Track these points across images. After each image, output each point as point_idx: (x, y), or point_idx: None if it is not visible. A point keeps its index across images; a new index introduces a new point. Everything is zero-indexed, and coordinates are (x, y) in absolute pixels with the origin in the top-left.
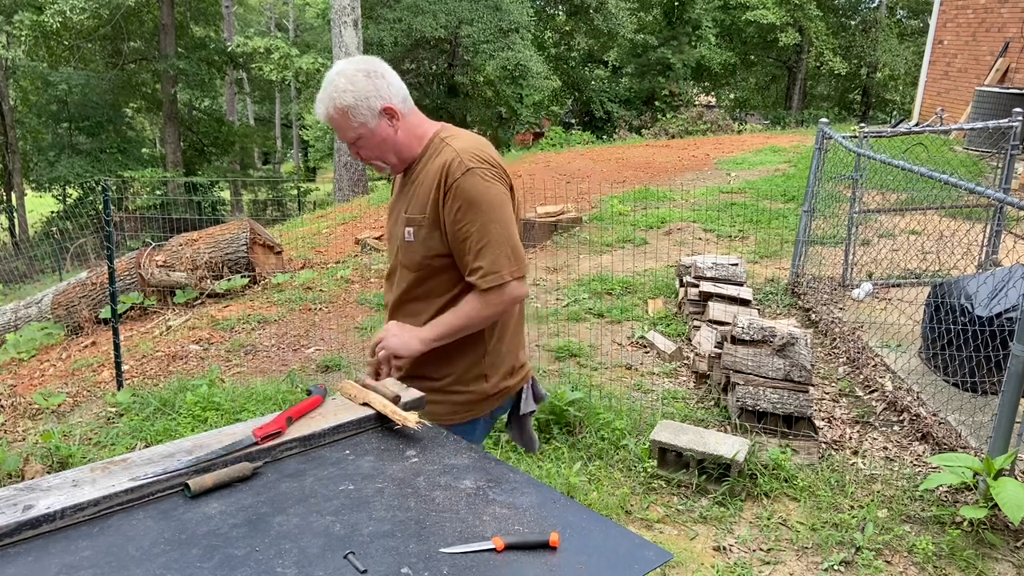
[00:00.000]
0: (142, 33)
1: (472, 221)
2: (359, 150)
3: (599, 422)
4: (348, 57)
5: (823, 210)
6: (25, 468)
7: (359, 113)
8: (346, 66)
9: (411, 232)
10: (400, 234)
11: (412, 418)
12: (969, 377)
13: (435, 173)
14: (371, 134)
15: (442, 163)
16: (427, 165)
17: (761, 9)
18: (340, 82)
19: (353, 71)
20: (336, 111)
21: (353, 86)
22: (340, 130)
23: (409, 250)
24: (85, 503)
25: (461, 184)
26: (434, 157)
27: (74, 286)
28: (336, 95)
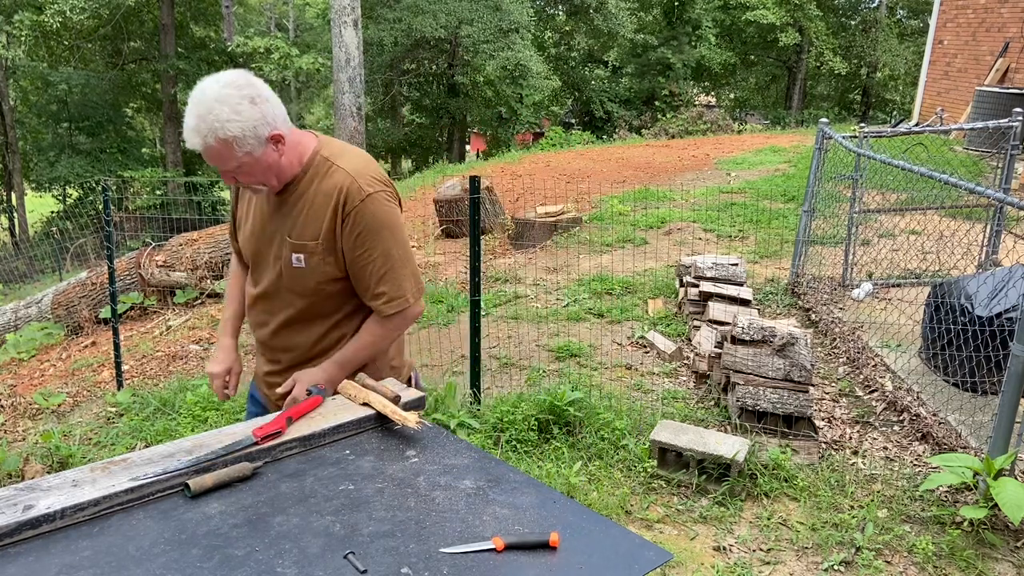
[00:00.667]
0: (142, 33)
1: (374, 247)
2: (238, 176)
3: (599, 422)
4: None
5: (823, 210)
6: (25, 468)
7: (245, 143)
8: (225, 91)
9: (301, 259)
10: (284, 258)
11: (412, 418)
12: (969, 377)
13: (328, 197)
14: (255, 162)
15: (336, 187)
16: (313, 186)
17: (761, 9)
18: (222, 112)
19: (236, 98)
20: (217, 142)
21: (239, 115)
22: (219, 160)
23: (299, 276)
24: (85, 503)
25: (361, 210)
26: (321, 178)
27: (74, 286)
28: (218, 125)
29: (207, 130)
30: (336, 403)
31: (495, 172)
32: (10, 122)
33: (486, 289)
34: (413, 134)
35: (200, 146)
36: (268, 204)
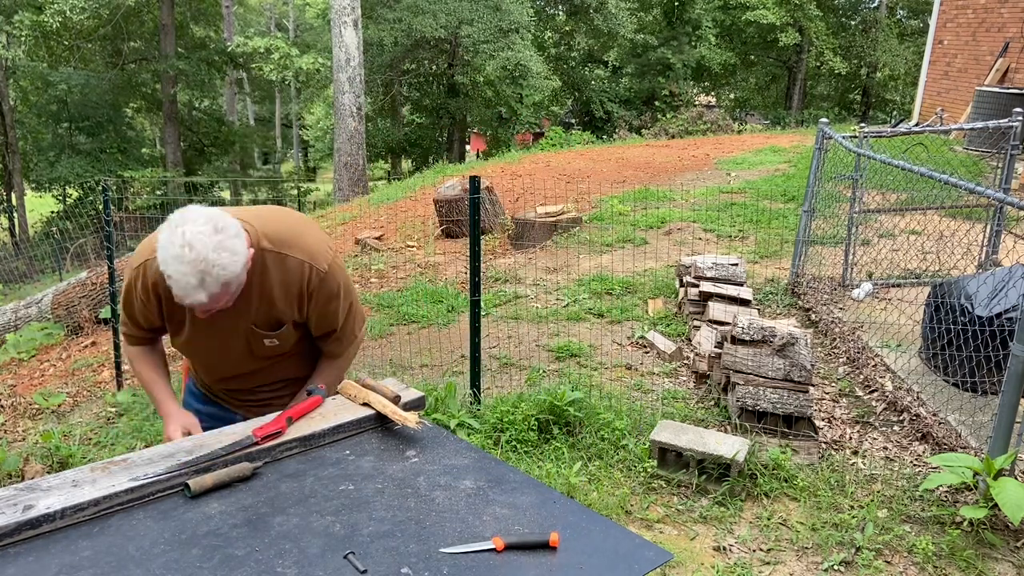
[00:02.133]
0: (142, 33)
1: (336, 309)
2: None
3: (599, 422)
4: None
5: (823, 210)
6: (25, 468)
7: (239, 277)
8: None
9: (274, 339)
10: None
11: (412, 418)
12: (969, 377)
13: (289, 286)
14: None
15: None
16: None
17: (761, 9)
18: (222, 258)
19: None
20: (221, 287)
21: (236, 255)
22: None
23: (274, 350)
24: (85, 503)
25: (321, 287)
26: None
27: (74, 286)
28: (223, 273)
29: (212, 282)
30: (336, 403)
31: (495, 172)
32: (10, 122)
33: (486, 289)
34: (413, 134)
35: (205, 299)
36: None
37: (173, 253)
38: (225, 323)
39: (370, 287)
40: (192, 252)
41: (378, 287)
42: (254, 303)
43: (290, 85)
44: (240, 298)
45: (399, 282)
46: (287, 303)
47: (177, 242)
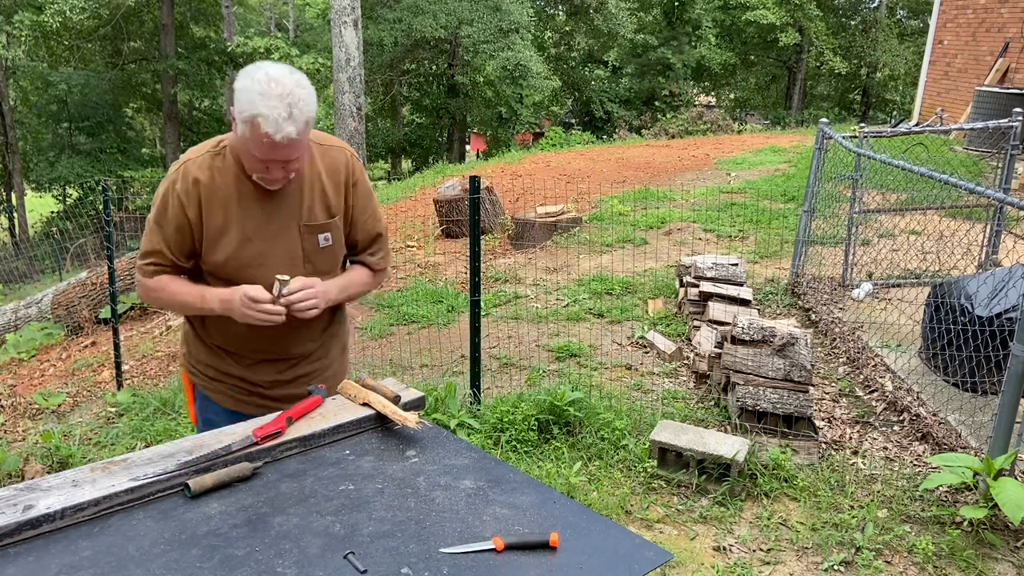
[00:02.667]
0: (142, 33)
1: (373, 210)
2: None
3: (599, 422)
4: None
5: (823, 210)
6: (25, 468)
7: (312, 125)
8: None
9: (328, 237)
10: (309, 244)
11: (412, 418)
12: (969, 377)
13: (333, 174)
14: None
15: (337, 163)
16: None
17: (761, 9)
18: (304, 93)
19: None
20: (306, 126)
21: (313, 95)
22: (298, 147)
23: (327, 255)
24: (85, 503)
25: (361, 178)
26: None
27: (74, 286)
28: (306, 108)
29: (299, 115)
30: (336, 403)
31: (495, 172)
32: (10, 122)
33: (486, 289)
34: (413, 134)
35: (295, 133)
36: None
37: (259, 91)
38: (272, 226)
39: None
40: (279, 86)
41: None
42: (305, 197)
43: None
44: (287, 194)
45: (399, 282)
46: (335, 191)
47: (261, 79)
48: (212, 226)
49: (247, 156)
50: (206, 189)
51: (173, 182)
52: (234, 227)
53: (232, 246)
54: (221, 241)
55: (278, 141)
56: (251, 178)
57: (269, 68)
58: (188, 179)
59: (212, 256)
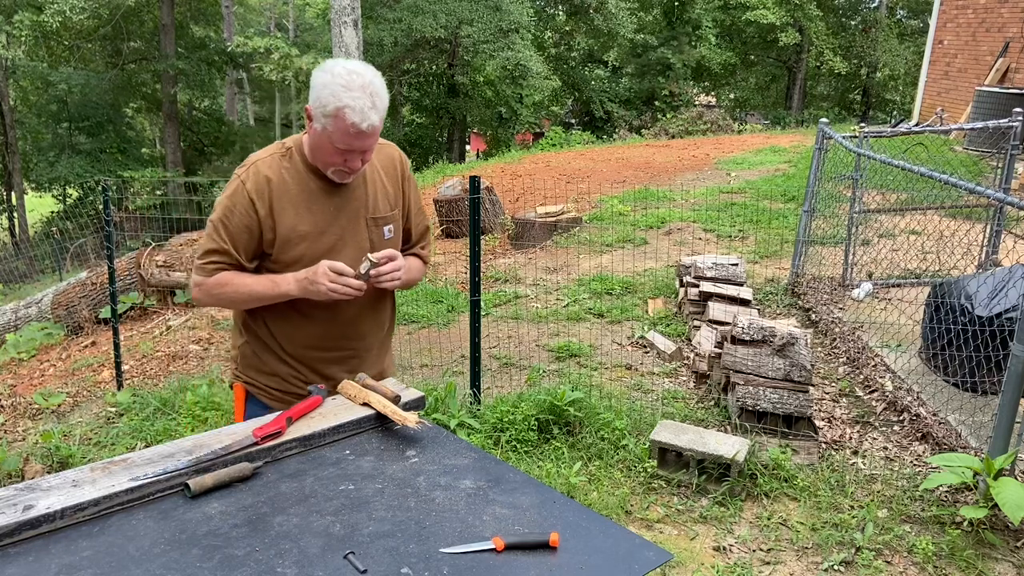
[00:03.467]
0: (142, 33)
1: (420, 204)
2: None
3: (599, 422)
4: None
5: (823, 210)
6: (25, 468)
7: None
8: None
9: (391, 229)
10: (375, 237)
11: (412, 418)
12: (969, 377)
13: (390, 168)
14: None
15: (390, 159)
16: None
17: (761, 9)
18: (381, 87)
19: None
20: (381, 117)
21: (385, 88)
22: (375, 136)
23: (391, 246)
24: (85, 503)
25: (411, 174)
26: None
27: (74, 286)
28: (383, 100)
29: (380, 104)
30: (336, 403)
31: (495, 172)
32: (10, 122)
33: (486, 289)
34: (413, 134)
35: (377, 120)
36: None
37: (342, 83)
38: (340, 220)
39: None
40: (359, 77)
41: None
42: (369, 191)
43: (290, 85)
44: (353, 188)
45: None
46: (393, 185)
47: (342, 73)
48: (284, 224)
49: (326, 150)
50: (277, 188)
51: (243, 181)
52: (307, 224)
53: (306, 243)
54: (294, 239)
55: (364, 129)
56: (318, 176)
57: (345, 63)
58: (259, 178)
59: (286, 254)
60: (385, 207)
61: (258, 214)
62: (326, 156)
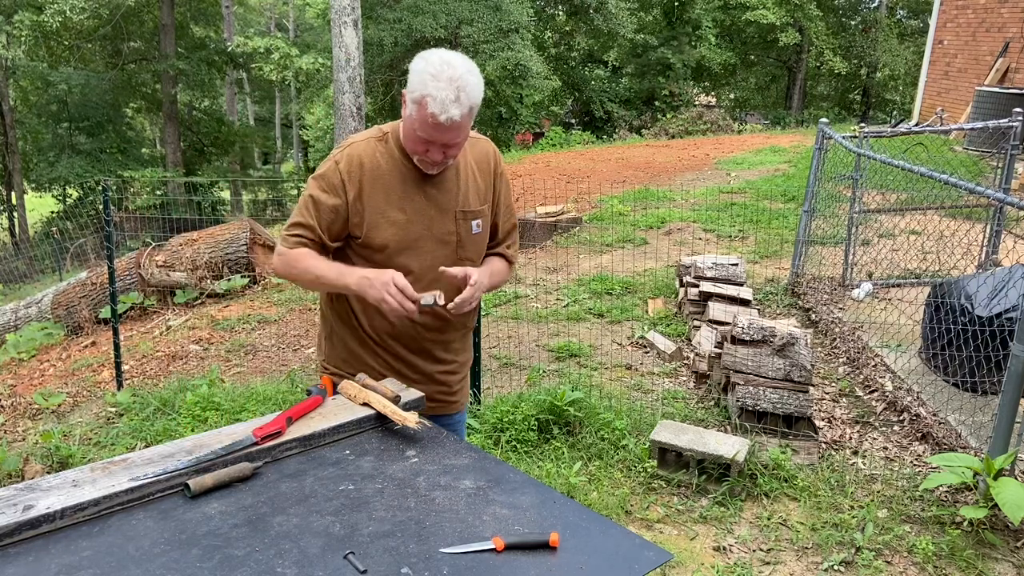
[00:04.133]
0: (142, 33)
1: (510, 202)
2: (451, 149)
3: (599, 422)
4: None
5: (823, 210)
6: (25, 468)
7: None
8: (467, 63)
9: (479, 223)
10: (463, 230)
11: (412, 418)
12: (969, 377)
13: (483, 163)
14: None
15: (486, 152)
16: (463, 158)
17: (761, 9)
18: (473, 80)
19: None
20: (469, 111)
21: (480, 83)
22: (462, 128)
23: (478, 242)
24: (85, 503)
25: (504, 170)
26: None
27: (74, 286)
28: (475, 94)
29: (465, 99)
30: (336, 403)
31: None
32: (10, 122)
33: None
34: None
35: (458, 116)
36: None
37: (432, 72)
38: (430, 210)
39: None
40: (451, 69)
41: None
42: (460, 183)
43: (290, 85)
44: (445, 180)
45: None
46: (484, 179)
47: (436, 62)
48: (373, 207)
49: (411, 137)
50: (369, 171)
51: (336, 162)
52: (396, 209)
53: (394, 228)
54: (382, 223)
55: (442, 122)
56: (412, 164)
57: (445, 53)
58: (352, 160)
59: (373, 238)
60: (476, 201)
61: (347, 196)
62: (411, 143)
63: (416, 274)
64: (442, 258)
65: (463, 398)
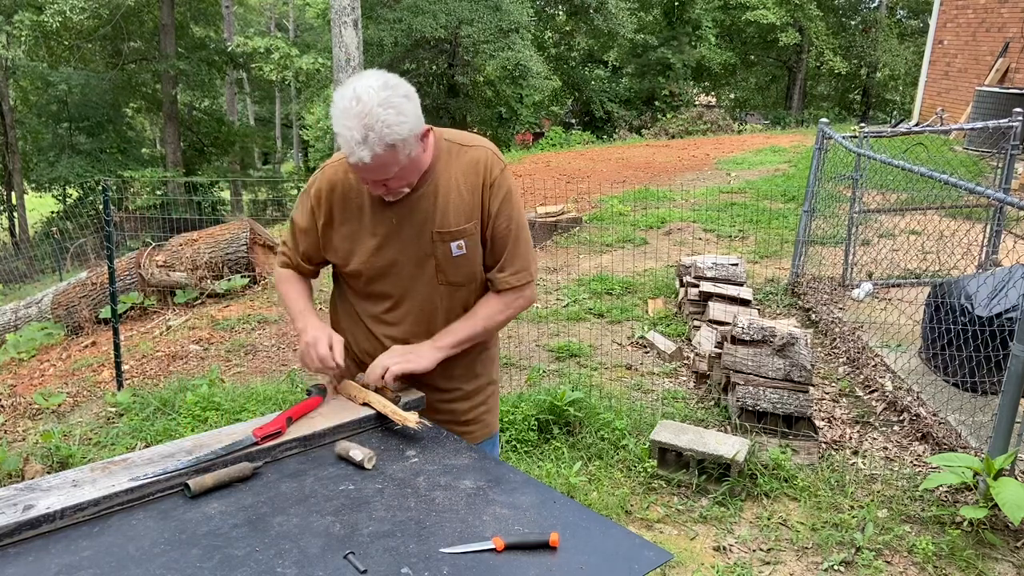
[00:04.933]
0: (142, 33)
1: (511, 215)
2: (390, 182)
3: (599, 422)
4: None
5: (823, 210)
6: (25, 468)
7: (408, 145)
8: (383, 94)
9: (462, 245)
10: (441, 252)
11: (412, 418)
12: (969, 377)
13: (471, 174)
14: (411, 163)
15: (476, 160)
16: (448, 170)
17: (761, 9)
18: (389, 116)
19: (397, 99)
20: (385, 149)
21: (404, 117)
22: (380, 169)
23: (460, 265)
24: (85, 503)
25: (502, 178)
26: (452, 161)
27: (74, 286)
28: (387, 131)
29: (376, 139)
30: (336, 403)
31: None
32: (10, 122)
33: None
34: None
35: (368, 158)
36: (393, 208)
37: (341, 107)
38: (405, 232)
39: None
40: (359, 105)
41: None
42: (439, 202)
43: (290, 85)
44: (423, 197)
45: None
46: (471, 193)
47: (347, 96)
48: (343, 234)
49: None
50: (339, 196)
51: (311, 185)
52: (366, 234)
53: (365, 254)
54: (355, 249)
55: (354, 163)
56: None
57: (360, 84)
58: (322, 184)
59: (346, 265)
60: (457, 220)
61: (317, 221)
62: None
63: (396, 298)
64: (423, 283)
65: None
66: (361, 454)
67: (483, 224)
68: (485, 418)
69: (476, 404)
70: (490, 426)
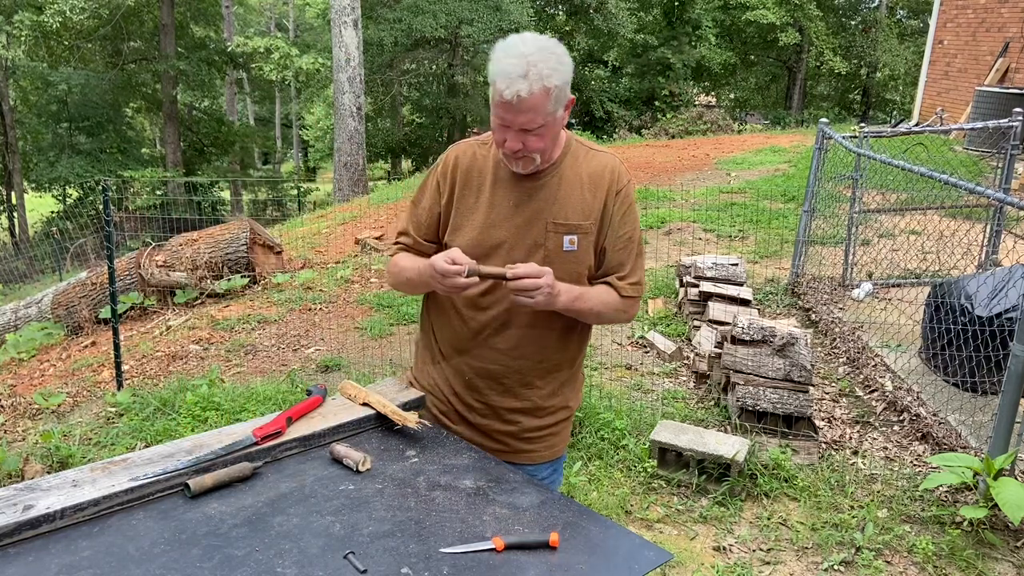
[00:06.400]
0: (142, 33)
1: (634, 228)
2: (528, 140)
3: (599, 422)
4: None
5: (823, 210)
6: (25, 468)
7: (558, 99)
8: (548, 42)
9: (574, 240)
10: (552, 243)
11: (412, 418)
12: (969, 377)
13: (598, 177)
14: (553, 124)
15: (605, 166)
16: (575, 168)
17: (761, 9)
18: (551, 60)
19: (559, 50)
20: (541, 91)
21: (562, 66)
22: (530, 112)
23: (569, 261)
24: (85, 503)
25: (628, 189)
26: (581, 161)
27: (74, 286)
28: (547, 72)
29: (536, 76)
30: (336, 403)
31: None
32: (10, 122)
33: None
34: (413, 134)
35: (525, 92)
36: (513, 190)
37: (506, 46)
38: (523, 213)
39: (370, 287)
40: (523, 44)
41: (378, 287)
42: (561, 193)
43: (290, 85)
44: (545, 186)
45: None
46: (593, 194)
47: (511, 40)
48: (460, 210)
49: (493, 126)
50: (464, 173)
51: (437, 165)
52: (482, 211)
53: (474, 230)
54: (466, 224)
55: (507, 99)
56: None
57: (527, 34)
58: (449, 162)
59: (453, 239)
60: (576, 215)
61: (441, 198)
62: (494, 135)
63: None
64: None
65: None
66: (354, 459)
67: (600, 229)
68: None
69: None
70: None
